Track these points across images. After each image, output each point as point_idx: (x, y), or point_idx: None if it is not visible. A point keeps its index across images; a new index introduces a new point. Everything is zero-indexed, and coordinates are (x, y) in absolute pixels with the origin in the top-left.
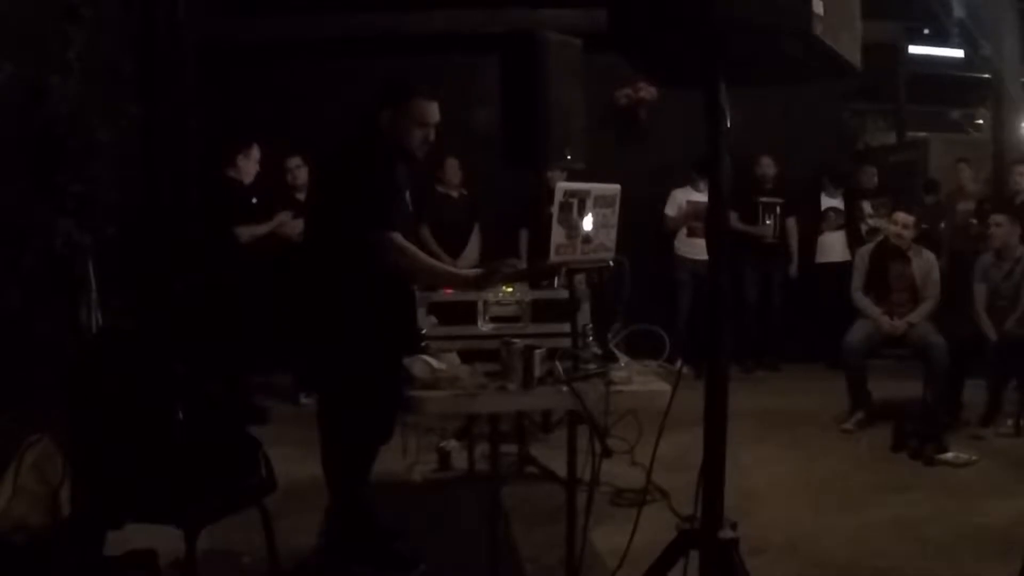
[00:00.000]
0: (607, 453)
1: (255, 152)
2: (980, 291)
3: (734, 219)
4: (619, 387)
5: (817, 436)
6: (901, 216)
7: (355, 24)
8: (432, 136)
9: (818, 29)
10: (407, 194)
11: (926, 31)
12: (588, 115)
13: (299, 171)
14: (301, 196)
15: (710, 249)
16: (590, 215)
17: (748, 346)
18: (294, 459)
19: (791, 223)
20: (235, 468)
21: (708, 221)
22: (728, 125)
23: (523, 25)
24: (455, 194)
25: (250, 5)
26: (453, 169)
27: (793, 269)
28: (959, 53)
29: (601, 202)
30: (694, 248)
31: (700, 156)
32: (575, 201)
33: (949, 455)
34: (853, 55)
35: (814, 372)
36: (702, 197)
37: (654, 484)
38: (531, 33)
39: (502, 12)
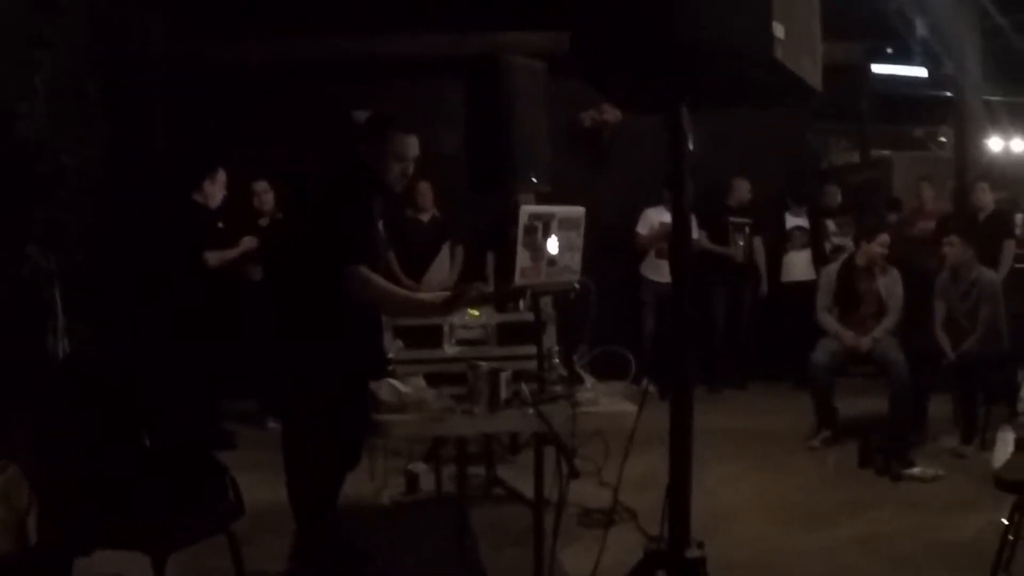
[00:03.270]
0: (574, 474)
1: (221, 176)
2: (938, 309)
3: (704, 239)
4: (585, 408)
5: (784, 454)
6: (883, 237)
7: (322, 48)
8: (410, 170)
9: (779, 53)
10: (380, 224)
11: (889, 50)
12: (553, 138)
13: (266, 196)
14: (264, 221)
15: (673, 269)
16: (555, 238)
17: (715, 365)
18: (262, 484)
19: (758, 243)
20: (203, 494)
21: (672, 241)
22: (691, 147)
23: (488, 49)
24: (425, 218)
25: (217, 29)
26: (425, 193)
27: (762, 289)
28: (922, 72)
29: (566, 225)
30: (659, 271)
31: (654, 179)
32: (540, 224)
33: (916, 470)
34: (814, 77)
35: (780, 391)
36: (663, 219)
37: (622, 504)
38: (496, 57)
39: (467, 36)
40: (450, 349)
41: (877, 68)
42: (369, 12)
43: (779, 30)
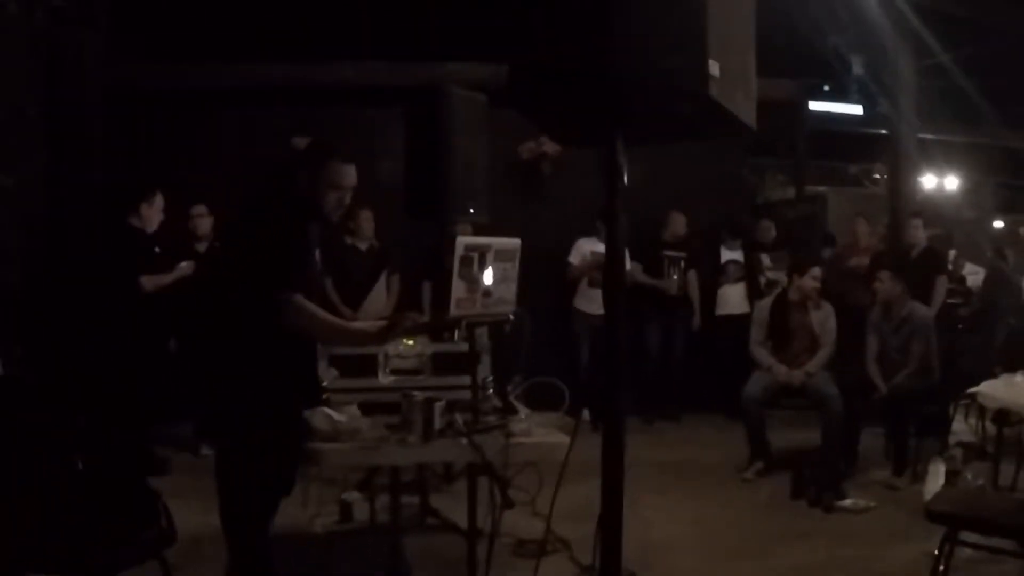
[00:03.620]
0: (508, 504)
1: (159, 200)
2: (871, 343)
3: (638, 271)
4: (519, 439)
5: (717, 486)
6: (814, 270)
7: (262, 74)
8: (347, 199)
9: (714, 91)
10: (316, 253)
11: (826, 88)
12: (492, 169)
13: (202, 220)
14: (202, 247)
15: (607, 301)
16: (490, 269)
17: (649, 397)
18: (195, 510)
19: (692, 276)
20: (135, 519)
21: (605, 274)
22: (625, 182)
23: (429, 79)
24: (364, 246)
25: (157, 52)
26: (366, 221)
27: (696, 322)
28: (858, 110)
29: (501, 256)
30: (592, 303)
31: (591, 211)
32: (476, 255)
33: (848, 502)
34: (749, 115)
35: (714, 423)
36: (596, 250)
37: (555, 534)
38: (436, 88)
39: (408, 66)
40: (385, 378)
41: (813, 105)
42: (311, 40)
43: (714, 67)
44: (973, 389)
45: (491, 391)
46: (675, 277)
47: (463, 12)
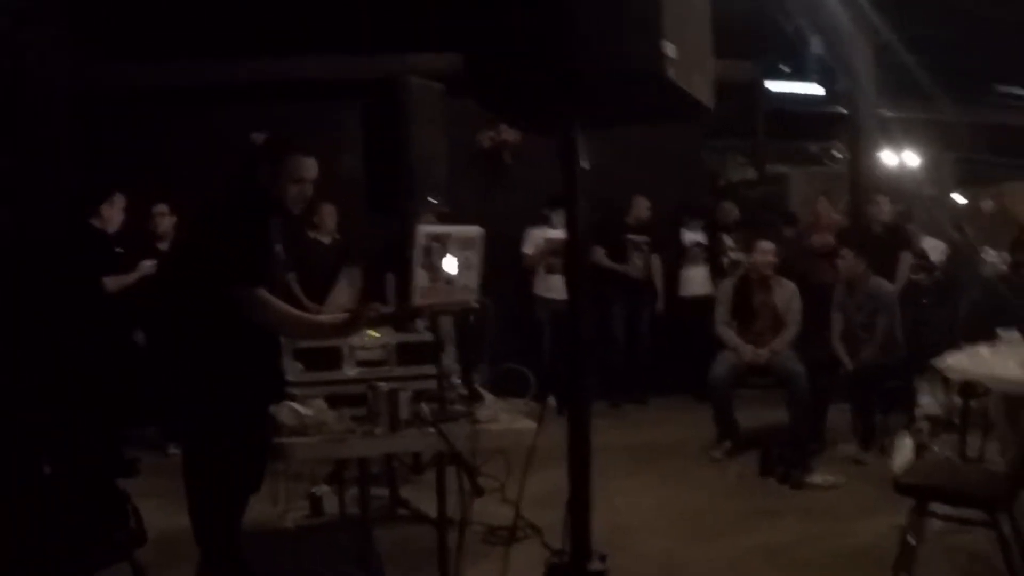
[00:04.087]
0: (477, 492)
1: (119, 200)
2: (836, 320)
3: (602, 256)
4: (486, 426)
5: (686, 467)
6: (763, 244)
7: (221, 71)
8: (309, 192)
9: (670, 72)
10: (279, 246)
11: (784, 68)
12: (452, 158)
13: (163, 219)
14: (164, 246)
15: (569, 287)
16: (452, 257)
17: (616, 381)
18: (165, 510)
19: (656, 259)
20: (104, 521)
21: (566, 260)
22: (584, 166)
23: (387, 71)
24: (327, 240)
25: (118, 52)
26: (329, 215)
27: (660, 304)
28: (817, 89)
29: (463, 244)
30: (552, 288)
31: (553, 193)
32: (437, 244)
33: (816, 478)
34: (706, 96)
35: (681, 404)
36: (558, 233)
37: (526, 520)
38: (394, 79)
39: (366, 58)
40: (350, 370)
41: (773, 85)
42: (268, 35)
43: (670, 49)
44: (938, 362)
45: (457, 380)
46: (639, 261)
47: (419, 3)
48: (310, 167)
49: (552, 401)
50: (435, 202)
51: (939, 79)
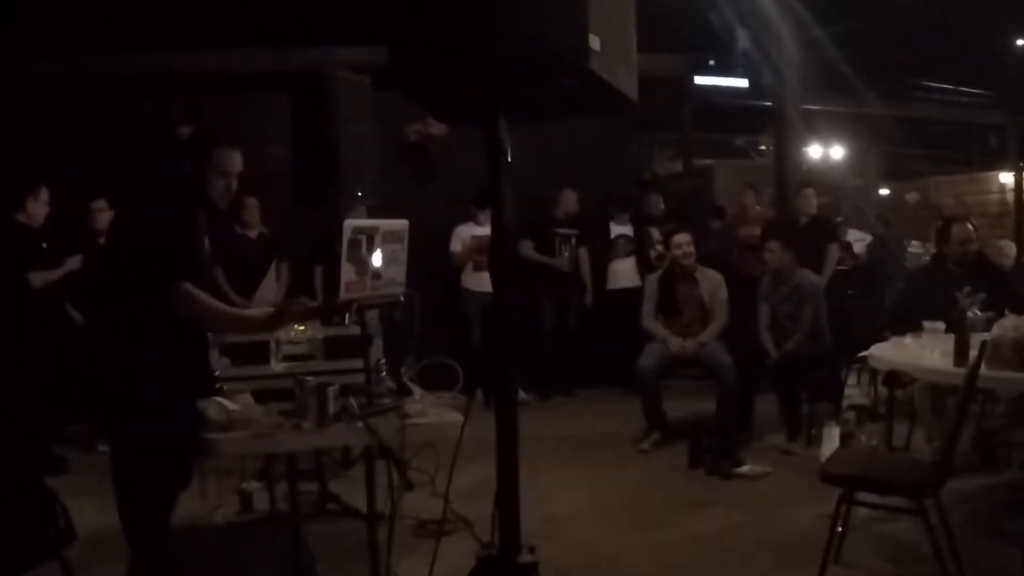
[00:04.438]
0: (407, 486)
1: (43, 194)
2: (763, 311)
3: (530, 249)
4: (414, 420)
5: (615, 458)
6: (677, 238)
7: (147, 63)
8: (234, 185)
9: (595, 65)
10: (206, 241)
11: (711, 62)
12: (380, 152)
13: (101, 214)
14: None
15: (494, 282)
16: (379, 251)
17: (544, 373)
18: (95, 508)
19: (584, 252)
20: (32, 520)
21: (491, 254)
22: (509, 159)
23: (313, 64)
24: (253, 234)
25: (38, 45)
26: (253, 209)
27: (588, 298)
28: (743, 83)
29: (390, 238)
30: (480, 282)
31: (478, 190)
32: (364, 238)
33: (745, 468)
34: (631, 89)
35: (609, 396)
36: (485, 231)
37: (456, 513)
38: (321, 72)
39: (293, 51)
40: (277, 365)
41: (699, 79)
42: (194, 27)
43: (595, 42)
44: (864, 353)
45: (384, 373)
46: (566, 254)
47: None
48: (236, 161)
49: (480, 394)
50: (362, 195)
51: (865, 74)
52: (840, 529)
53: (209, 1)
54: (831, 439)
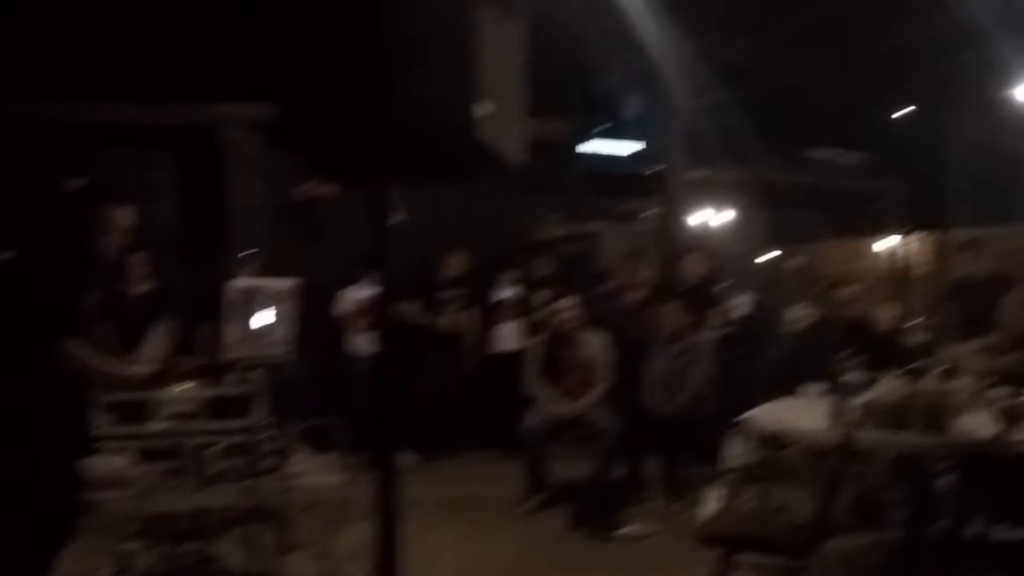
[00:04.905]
0: (289, 547)
1: None
2: (653, 371)
3: (416, 311)
4: (297, 481)
5: (498, 520)
6: (562, 301)
7: (36, 113)
8: (123, 241)
9: (481, 131)
10: (90, 297)
11: (600, 127)
12: (268, 210)
13: None
14: None
15: (378, 344)
16: (265, 311)
17: (428, 435)
18: None
19: (470, 314)
20: None
21: (376, 316)
22: (396, 221)
23: (205, 120)
24: (139, 291)
25: None
26: (141, 264)
27: (472, 360)
28: (632, 148)
29: (275, 297)
30: (364, 344)
31: (365, 252)
32: (249, 297)
33: (626, 530)
34: (518, 154)
35: (492, 458)
36: (369, 293)
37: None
38: (212, 129)
39: (183, 107)
40: (160, 424)
41: (588, 144)
42: (85, 79)
43: (482, 108)
44: (744, 415)
45: (268, 434)
46: (452, 316)
47: (236, 52)
48: (124, 216)
49: (362, 456)
50: (250, 254)
51: (752, 141)
52: None
53: (101, 53)
54: (711, 501)
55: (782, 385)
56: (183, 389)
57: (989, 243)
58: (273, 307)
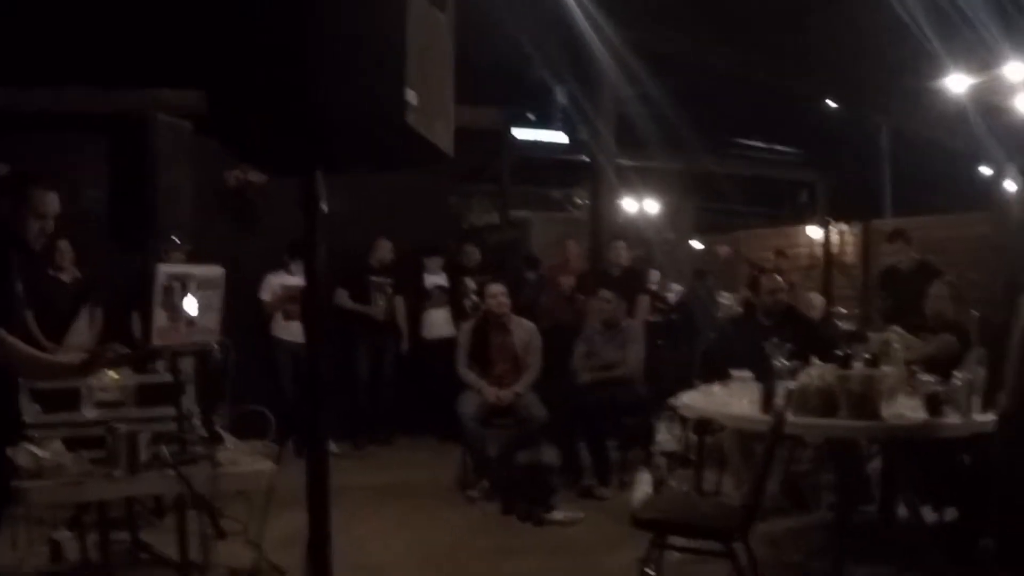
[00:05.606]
0: (220, 535)
1: None
2: (581, 354)
3: (345, 298)
4: (226, 468)
5: (431, 506)
6: (492, 288)
7: None
8: (50, 227)
9: (411, 119)
10: (18, 284)
11: (530, 115)
12: (198, 197)
13: None
14: None
15: (307, 332)
16: (193, 298)
17: (360, 422)
18: None
19: (399, 301)
20: None
21: (305, 303)
22: (325, 211)
23: (133, 106)
24: (66, 277)
25: None
26: (65, 251)
27: (404, 346)
28: (561, 137)
29: (204, 285)
30: (291, 331)
31: (292, 240)
32: (178, 284)
33: (558, 515)
34: (447, 143)
35: (425, 444)
36: (296, 280)
37: (270, 562)
38: (141, 115)
39: (112, 93)
40: (88, 412)
41: (518, 132)
42: (11, 64)
43: (412, 96)
44: (675, 400)
45: (197, 421)
46: (382, 303)
47: (167, 38)
48: (52, 202)
49: (291, 443)
50: (179, 241)
51: (681, 131)
52: (652, 573)
53: (29, 38)
54: (643, 485)
55: (711, 371)
56: (112, 377)
57: (915, 233)
58: (202, 294)
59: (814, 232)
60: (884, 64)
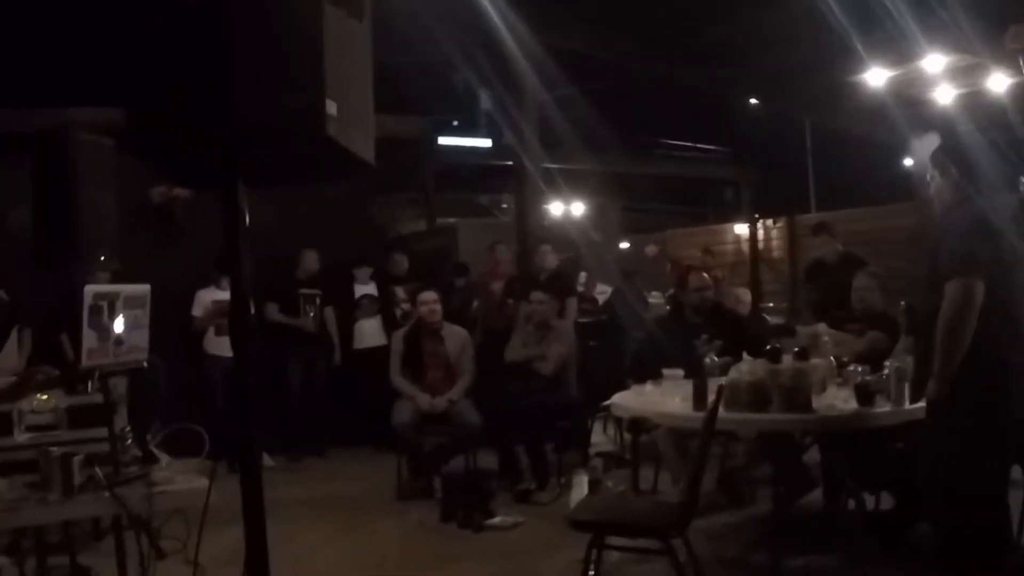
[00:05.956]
0: (159, 554)
1: None
2: (515, 360)
3: (275, 311)
4: (162, 487)
5: (367, 517)
6: (423, 295)
7: None
8: None
9: (332, 131)
10: None
11: (454, 123)
12: (123, 214)
13: None
14: None
15: (234, 346)
16: (121, 317)
17: (294, 435)
18: None
19: (329, 312)
20: None
21: (231, 319)
22: (248, 223)
23: (55, 124)
24: None
25: None
26: None
27: (336, 357)
28: (485, 142)
29: (131, 303)
30: (223, 346)
31: (220, 255)
32: (105, 304)
33: (496, 520)
34: (368, 153)
35: (360, 455)
36: (226, 295)
37: None
38: (63, 133)
39: (33, 111)
40: (20, 436)
41: (443, 140)
42: None
43: (332, 107)
44: (608, 401)
45: (130, 441)
46: (311, 314)
47: (85, 55)
48: None
49: (226, 460)
50: (105, 260)
51: (605, 132)
52: (592, 574)
53: None
54: (580, 486)
55: (642, 370)
56: (42, 399)
57: (841, 226)
58: (130, 313)
59: (741, 229)
60: (805, 59)
